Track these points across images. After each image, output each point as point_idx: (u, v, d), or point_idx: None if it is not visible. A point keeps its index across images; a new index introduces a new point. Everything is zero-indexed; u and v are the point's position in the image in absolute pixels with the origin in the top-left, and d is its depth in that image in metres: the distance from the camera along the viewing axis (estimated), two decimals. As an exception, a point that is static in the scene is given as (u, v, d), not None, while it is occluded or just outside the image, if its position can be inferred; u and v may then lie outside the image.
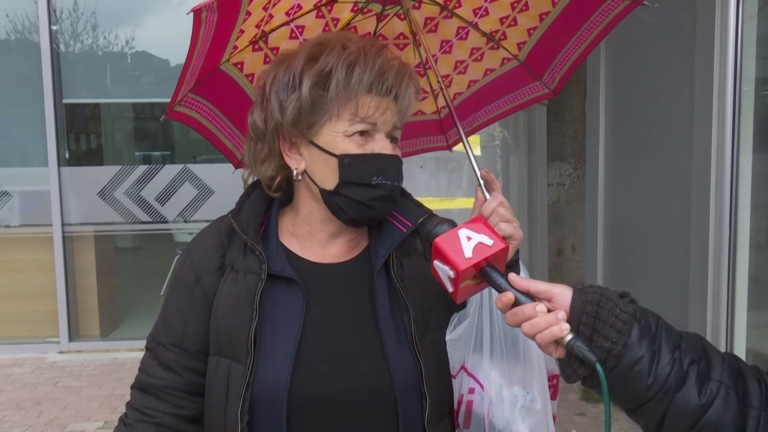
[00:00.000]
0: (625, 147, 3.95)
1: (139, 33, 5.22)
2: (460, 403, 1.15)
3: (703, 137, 3.11)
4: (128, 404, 1.19)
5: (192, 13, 1.11)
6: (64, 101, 5.00)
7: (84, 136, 6.00)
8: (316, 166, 1.11)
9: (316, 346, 1.08)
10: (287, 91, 1.10)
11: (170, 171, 5.08)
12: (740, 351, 3.07)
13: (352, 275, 1.15)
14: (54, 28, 4.90)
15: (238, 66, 1.42)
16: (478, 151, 4.47)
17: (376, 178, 1.09)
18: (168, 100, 1.40)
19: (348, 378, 1.07)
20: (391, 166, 1.11)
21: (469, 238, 0.95)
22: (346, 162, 1.08)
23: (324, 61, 1.08)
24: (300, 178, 1.14)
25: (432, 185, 4.71)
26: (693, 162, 3.21)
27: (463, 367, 1.15)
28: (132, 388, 1.20)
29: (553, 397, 1.16)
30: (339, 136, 1.09)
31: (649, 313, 0.88)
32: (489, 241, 0.95)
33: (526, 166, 4.90)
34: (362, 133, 1.09)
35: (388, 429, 1.08)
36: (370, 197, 1.09)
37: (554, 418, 1.16)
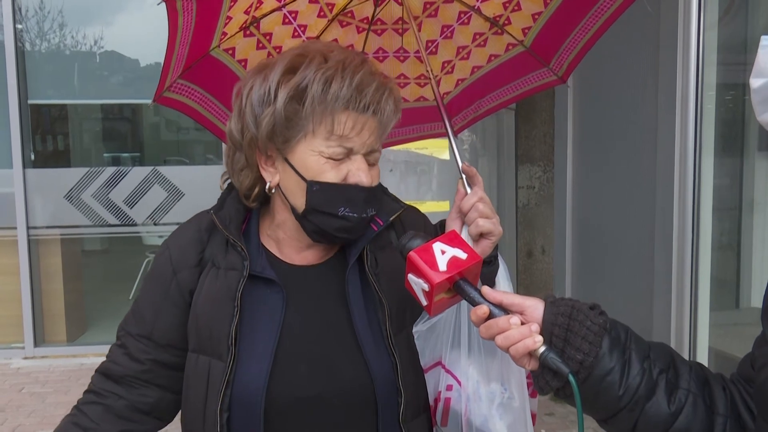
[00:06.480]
0: (592, 150, 4.02)
1: (108, 32, 5.11)
2: (437, 400, 1.14)
3: (666, 141, 3.18)
4: (87, 388, 1.19)
5: (164, 3, 1.10)
6: (30, 102, 4.89)
7: (50, 137, 5.86)
8: (288, 184, 1.11)
9: (294, 349, 1.09)
10: (262, 105, 1.07)
11: (139, 173, 4.99)
12: (703, 350, 3.14)
13: (328, 275, 1.16)
14: (19, 26, 4.78)
15: (230, 52, 1.40)
16: (445, 155, 4.49)
17: (342, 209, 1.07)
18: (138, 101, 1.42)
19: (326, 380, 1.08)
20: (360, 198, 1.08)
21: (443, 252, 0.96)
22: (314, 189, 1.06)
23: (301, 75, 1.05)
24: (274, 191, 1.14)
25: (401, 188, 4.72)
26: (657, 165, 3.27)
27: (440, 363, 1.14)
28: (95, 371, 1.19)
29: (532, 394, 1.14)
30: (315, 154, 1.07)
31: (619, 325, 0.91)
32: (463, 255, 0.96)
33: (495, 169, 4.94)
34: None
35: (366, 427, 1.09)
36: (334, 227, 1.08)
37: (533, 416, 1.14)
